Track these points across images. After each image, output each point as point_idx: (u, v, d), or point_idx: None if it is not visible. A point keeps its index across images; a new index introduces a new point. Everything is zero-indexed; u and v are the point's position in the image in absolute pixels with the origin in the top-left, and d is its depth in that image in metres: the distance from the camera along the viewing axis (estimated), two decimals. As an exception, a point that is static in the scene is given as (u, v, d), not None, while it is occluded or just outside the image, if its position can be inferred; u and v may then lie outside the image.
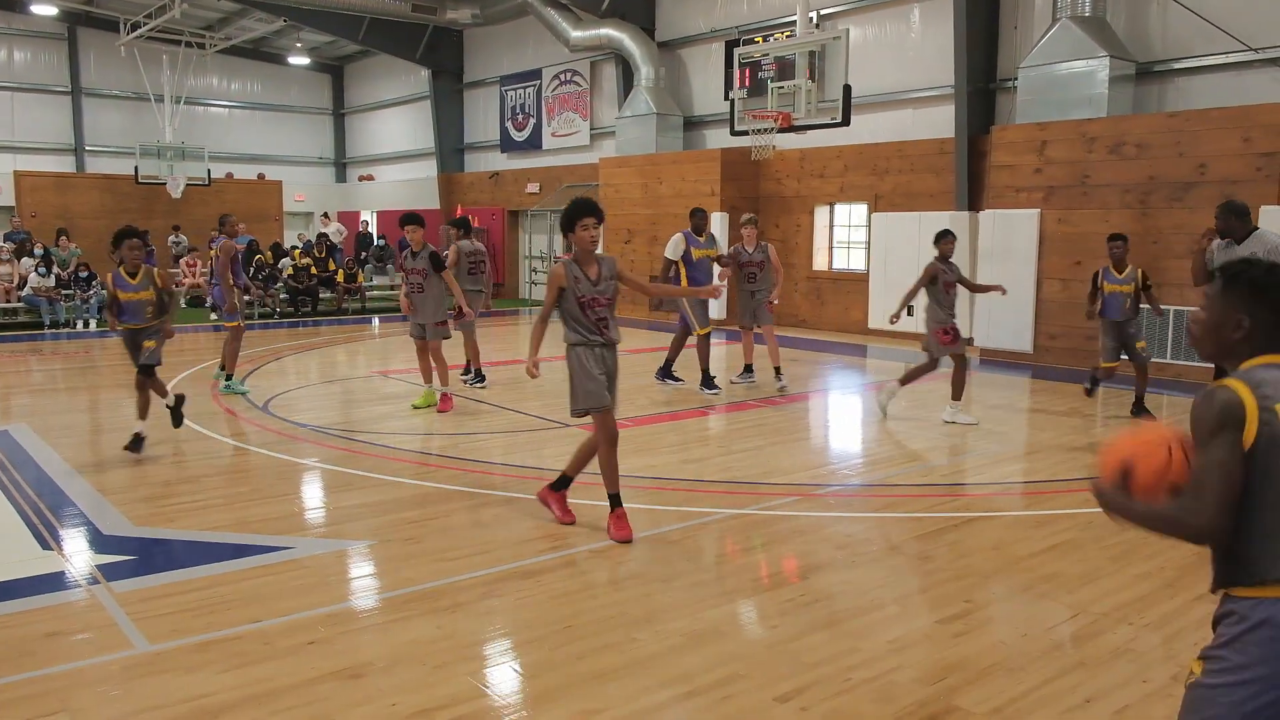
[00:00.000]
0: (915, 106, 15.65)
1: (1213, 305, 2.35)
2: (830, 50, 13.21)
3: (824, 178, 16.84)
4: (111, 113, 27.34)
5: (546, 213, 22.61)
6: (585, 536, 5.64)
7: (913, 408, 9.94)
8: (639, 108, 19.40)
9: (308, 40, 27.84)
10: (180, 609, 4.49)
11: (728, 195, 17.32)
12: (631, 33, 19.29)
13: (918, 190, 15.36)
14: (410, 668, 3.92)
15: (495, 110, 25.01)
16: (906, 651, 4.12)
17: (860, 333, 15.97)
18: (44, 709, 3.57)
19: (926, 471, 7.30)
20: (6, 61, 26.04)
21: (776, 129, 13.74)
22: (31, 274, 17.16)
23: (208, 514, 6.05)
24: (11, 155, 25.52)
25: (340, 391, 11.09)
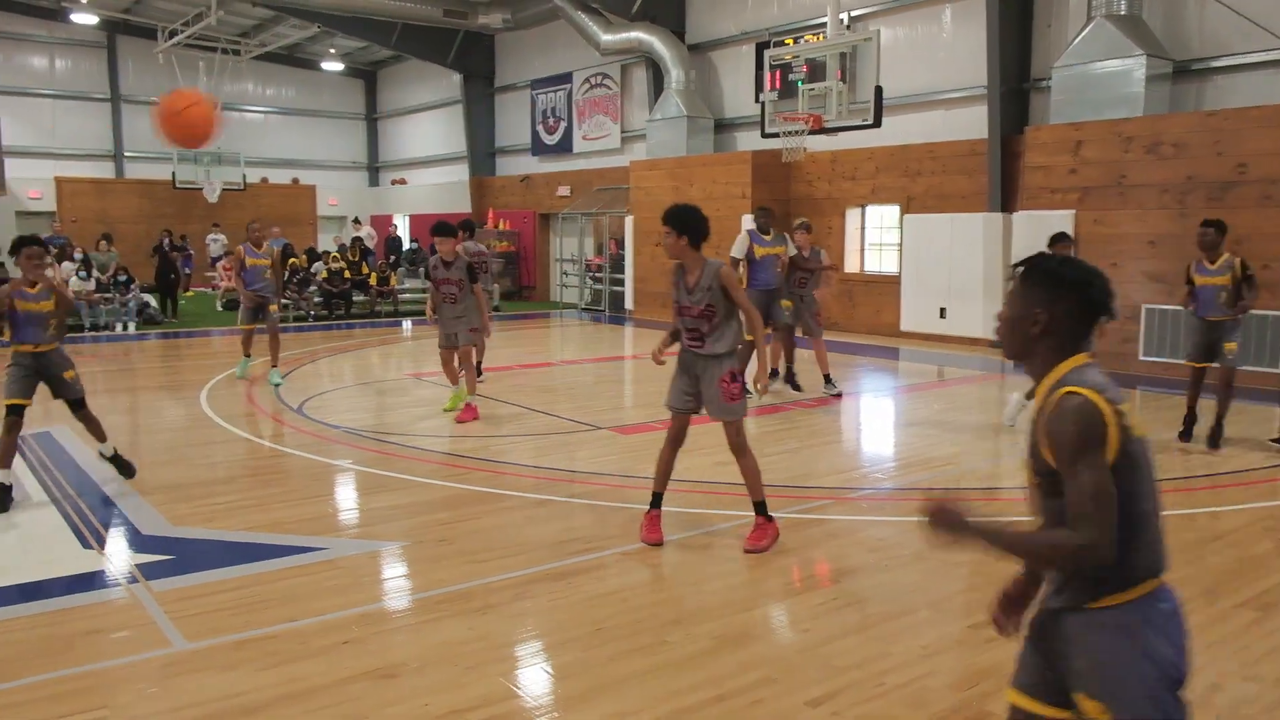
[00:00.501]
0: (947, 107, 15.54)
1: (1013, 300, 2.31)
2: (861, 51, 13.17)
3: (855, 180, 16.77)
4: (149, 118, 27.75)
5: (577, 216, 22.68)
6: (616, 539, 5.65)
7: (947, 410, 9.87)
8: (669, 110, 19.41)
9: (341, 46, 28.13)
10: (217, 608, 4.56)
11: (759, 198, 17.27)
12: (662, 36, 19.31)
13: (950, 192, 15.25)
14: (443, 668, 3.95)
15: (526, 114, 25.13)
16: (939, 657, 4.09)
17: (892, 335, 15.87)
18: (85, 704, 3.63)
19: (960, 475, 7.24)
20: (48, 69, 26.53)
21: (807, 131, 13.69)
22: (72, 278, 17.44)
23: (244, 514, 6.12)
24: (53, 161, 26.00)
25: (373, 394, 11.18)
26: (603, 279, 21.69)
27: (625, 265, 20.45)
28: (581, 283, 22.76)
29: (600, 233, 22.42)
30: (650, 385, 11.91)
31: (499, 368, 12.78)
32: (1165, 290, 11.79)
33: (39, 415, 9.77)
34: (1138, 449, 2.12)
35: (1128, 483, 2.08)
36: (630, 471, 7.18)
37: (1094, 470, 2.06)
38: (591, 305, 22.10)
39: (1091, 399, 2.09)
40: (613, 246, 21.59)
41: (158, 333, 17.10)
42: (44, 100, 26.33)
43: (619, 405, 10.84)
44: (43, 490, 6.66)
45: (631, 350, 15.35)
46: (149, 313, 18.27)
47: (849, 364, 13.21)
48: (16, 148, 23.79)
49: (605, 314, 20.95)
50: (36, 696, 3.69)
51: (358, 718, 3.55)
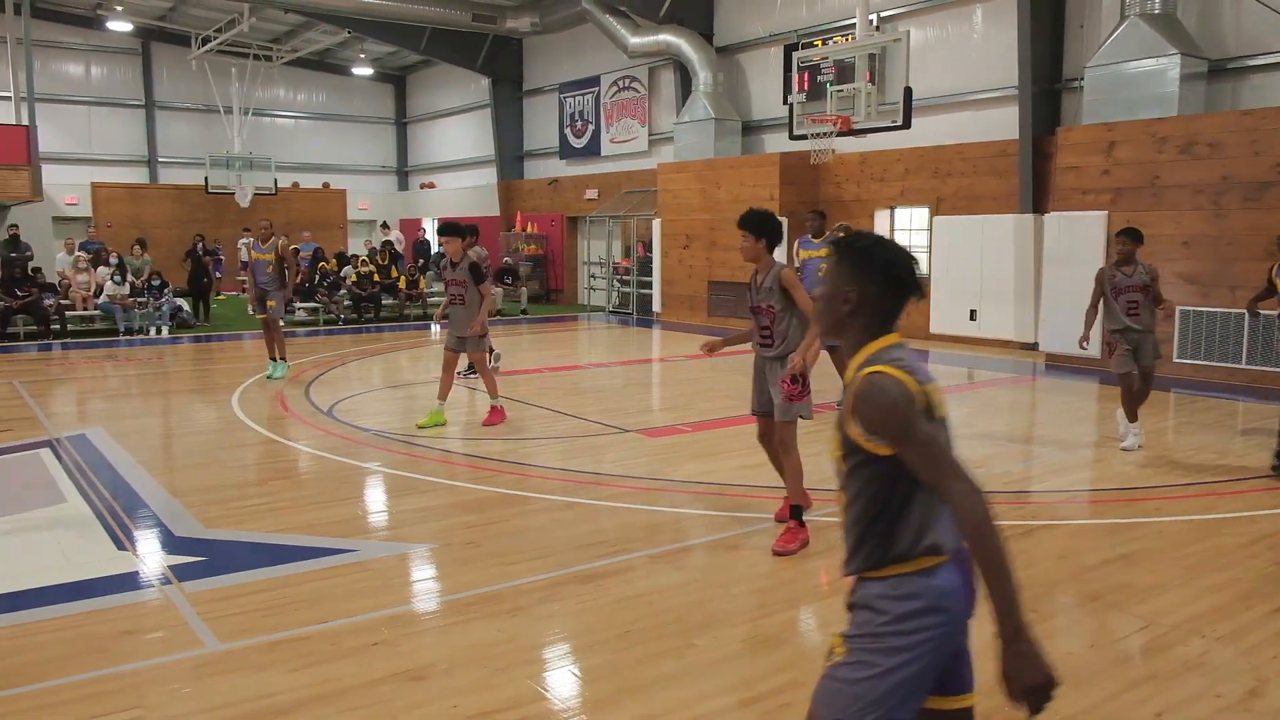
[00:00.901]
0: (977, 108, 15.43)
1: (828, 278, 2.36)
2: (890, 52, 13.07)
3: (884, 181, 16.68)
4: (182, 125, 28.14)
5: (605, 219, 22.71)
6: (644, 542, 5.64)
7: (977, 414, 9.79)
8: (697, 113, 19.40)
9: (371, 51, 28.36)
10: (249, 609, 4.60)
11: (786, 200, 17.23)
12: (689, 38, 19.31)
13: (980, 193, 15.14)
14: (471, 670, 3.96)
15: (554, 117, 25.20)
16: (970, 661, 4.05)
17: (922, 337, 15.77)
18: (119, 704, 3.68)
19: (991, 478, 7.17)
20: (84, 77, 26.94)
21: (836, 133, 13.63)
22: (107, 282, 17.69)
23: (275, 517, 6.18)
24: (89, 167, 26.37)
25: (402, 397, 11.25)
26: (630, 282, 21.71)
27: (653, 268, 20.46)
28: (609, 286, 22.79)
29: (628, 235, 22.45)
30: (677, 389, 11.91)
31: (527, 370, 12.83)
32: (1199, 292, 11.64)
33: (74, 418, 9.93)
34: (937, 429, 2.16)
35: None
36: (657, 474, 7.17)
37: (922, 435, 2.11)
38: (619, 308, 22.13)
39: (897, 376, 2.14)
40: (640, 249, 21.60)
41: (190, 336, 17.30)
42: (80, 107, 26.73)
43: (646, 408, 10.84)
44: (78, 492, 6.76)
45: (659, 353, 15.35)
46: (182, 316, 18.50)
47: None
48: (53, 154, 24.15)
49: (633, 317, 20.96)
50: (72, 696, 3.74)
51: (388, 719, 3.57)
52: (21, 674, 3.92)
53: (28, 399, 10.57)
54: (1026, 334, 14.24)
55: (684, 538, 5.87)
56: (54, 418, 9.64)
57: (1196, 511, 6.32)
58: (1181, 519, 6.17)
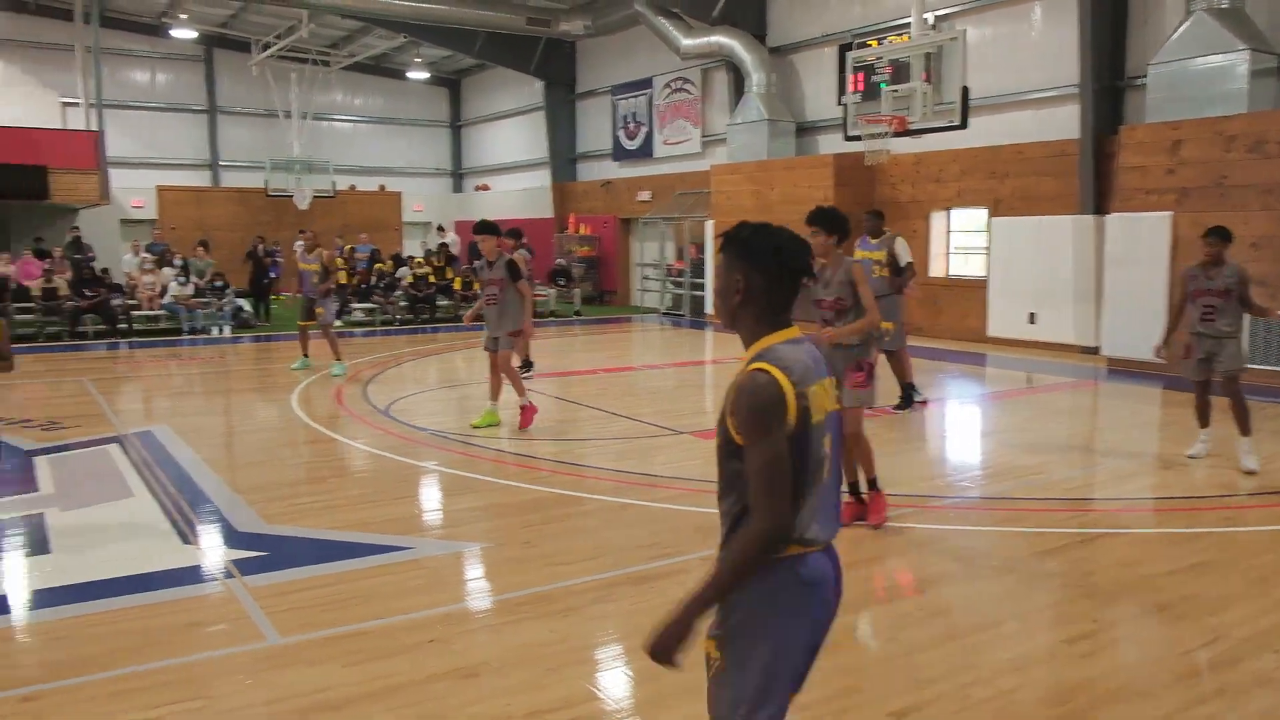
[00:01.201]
0: (1036, 107, 15.16)
1: (718, 269, 2.35)
2: (947, 51, 12.91)
3: (940, 182, 16.47)
4: (244, 129, 28.70)
5: (658, 220, 22.72)
6: (697, 544, 5.63)
7: (1035, 419, 9.62)
8: (750, 114, 19.33)
9: (426, 55, 28.68)
10: (308, 604, 4.68)
11: (840, 201, 17.08)
12: (743, 39, 19.24)
13: (1039, 194, 14.87)
14: (524, 669, 3.99)
15: (607, 119, 25.29)
16: (1028, 670, 3.99)
17: (978, 340, 15.54)
18: (183, 694, 3.76)
19: (1050, 485, 7.05)
20: (150, 83, 27.61)
21: (891, 133, 13.49)
22: (172, 283, 18.11)
23: (333, 514, 6.28)
24: (154, 171, 27.02)
25: (457, 397, 11.35)
26: (683, 283, 21.70)
27: (706, 270, 20.42)
28: (662, 287, 22.79)
29: (681, 237, 22.43)
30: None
31: (580, 371, 12.88)
32: (1268, 294, 11.28)
33: (140, 415, 10.18)
34: (813, 432, 2.21)
35: (794, 458, 2.18)
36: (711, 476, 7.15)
37: (765, 447, 2.15)
38: (672, 310, 22.12)
39: (775, 376, 2.17)
40: (693, 251, 21.57)
41: (250, 336, 17.64)
42: (146, 113, 27.39)
43: (700, 410, 10.82)
44: (145, 487, 6.93)
45: (712, 355, 15.32)
46: (242, 316, 18.87)
47: (934, 370, 12.97)
48: (120, 158, 24.78)
49: (686, 318, 20.94)
50: (139, 685, 3.83)
51: (440, 716, 3.61)
52: (92, 662, 4.03)
53: (97, 396, 10.86)
54: (1087, 337, 13.96)
55: (737, 540, 5.85)
56: (121, 415, 9.88)
57: (1268, 522, 6.14)
58: (1252, 529, 6.01)
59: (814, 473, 2.24)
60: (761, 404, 2.15)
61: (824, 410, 2.26)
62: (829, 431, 2.29)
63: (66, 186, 20.90)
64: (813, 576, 2.25)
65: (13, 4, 24.73)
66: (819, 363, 2.32)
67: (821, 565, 2.27)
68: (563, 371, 12.82)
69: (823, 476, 2.27)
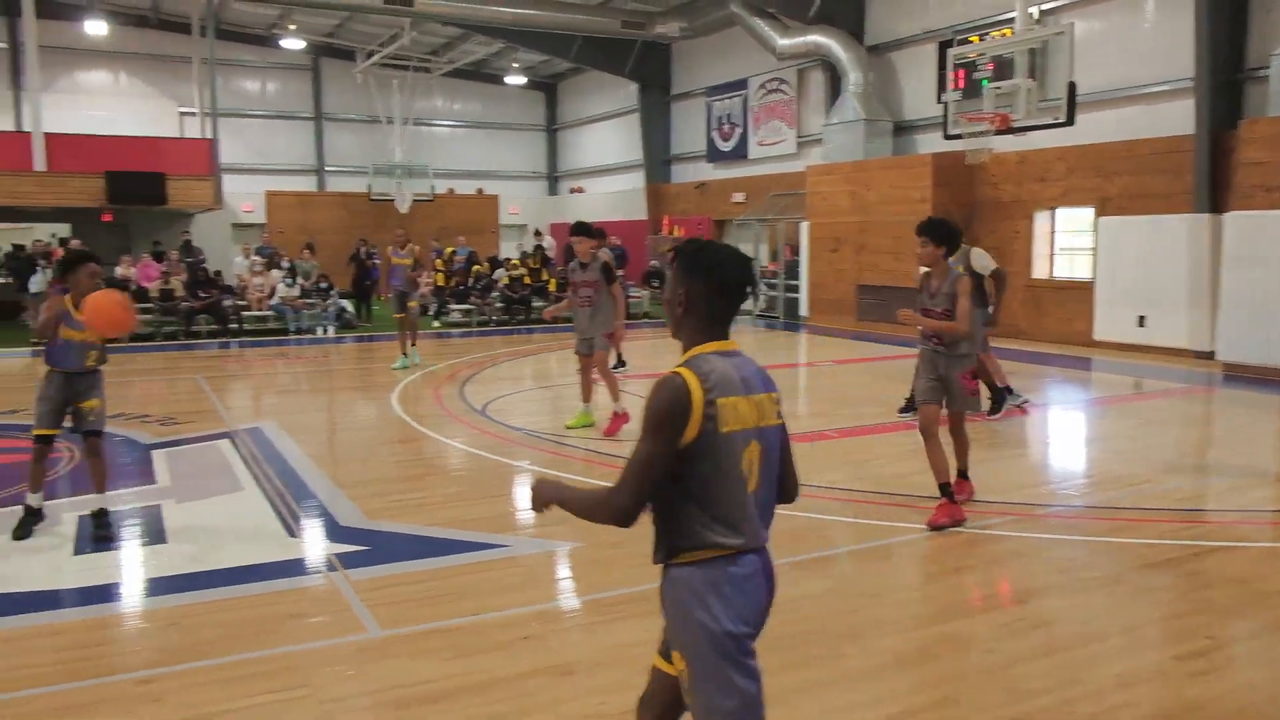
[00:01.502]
0: (1148, 102, 14.60)
1: (668, 282, 2.53)
2: (1053, 46, 12.53)
3: (1045, 181, 15.99)
4: (348, 135, 29.58)
5: (752, 222, 22.60)
6: (788, 548, 5.59)
7: (1144, 426, 9.27)
8: (847, 114, 19.08)
9: (524, 60, 29.11)
10: (407, 598, 4.79)
11: (939, 201, 16.73)
12: (839, 38, 19.01)
13: (1150, 192, 14.32)
14: (617, 669, 4.01)
15: (702, 121, 25.27)
16: (1137, 687, 3.85)
17: (1083, 345, 15.04)
18: (288, 683, 3.89)
19: (1159, 495, 6.78)
20: (260, 92, 28.68)
21: (993, 131, 13.15)
22: (279, 285, 18.77)
23: (431, 510, 6.42)
24: (263, 177, 28.04)
25: (551, 397, 11.48)
26: (777, 285, 21.54)
27: (800, 272, 20.23)
28: (756, 289, 22.67)
29: (775, 239, 22.28)
30: (824, 394, 11.75)
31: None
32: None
33: (249, 412, 10.57)
34: (721, 442, 2.35)
35: (703, 465, 2.34)
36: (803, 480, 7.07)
37: (650, 446, 2.33)
38: (765, 312, 21.98)
39: (689, 383, 2.34)
40: (788, 252, 21.40)
41: (353, 336, 18.16)
42: (256, 120, 28.45)
43: (792, 413, 10.73)
44: (253, 481, 7.19)
45: (805, 358, 15.17)
46: (346, 317, 19.44)
47: (1037, 374, 12.60)
48: (232, 165, 25.78)
49: (780, 321, 20.78)
50: (246, 673, 3.98)
51: (535, 712, 3.66)
52: (202, 649, 4.21)
53: (209, 393, 11.32)
54: (1201, 341, 13.39)
55: (830, 545, 5.79)
56: (232, 411, 10.28)
57: (1397, 536, 5.80)
58: (1380, 544, 5.68)
59: (725, 481, 2.38)
60: (662, 406, 2.33)
61: (747, 423, 2.41)
62: (756, 444, 2.43)
63: (182, 192, 21.87)
64: (744, 571, 2.42)
65: (137, 20, 25.96)
66: (756, 378, 2.47)
67: (749, 563, 2.43)
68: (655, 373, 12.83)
69: (743, 487, 2.41)
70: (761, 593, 2.48)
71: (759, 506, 2.48)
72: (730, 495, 2.41)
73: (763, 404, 2.46)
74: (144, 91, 26.78)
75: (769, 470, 2.50)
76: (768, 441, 2.47)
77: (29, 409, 10.04)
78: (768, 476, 2.50)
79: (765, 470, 2.48)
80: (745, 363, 2.48)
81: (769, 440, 2.48)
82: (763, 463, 2.46)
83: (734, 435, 2.38)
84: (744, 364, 2.47)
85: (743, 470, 2.42)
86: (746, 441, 2.41)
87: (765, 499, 2.51)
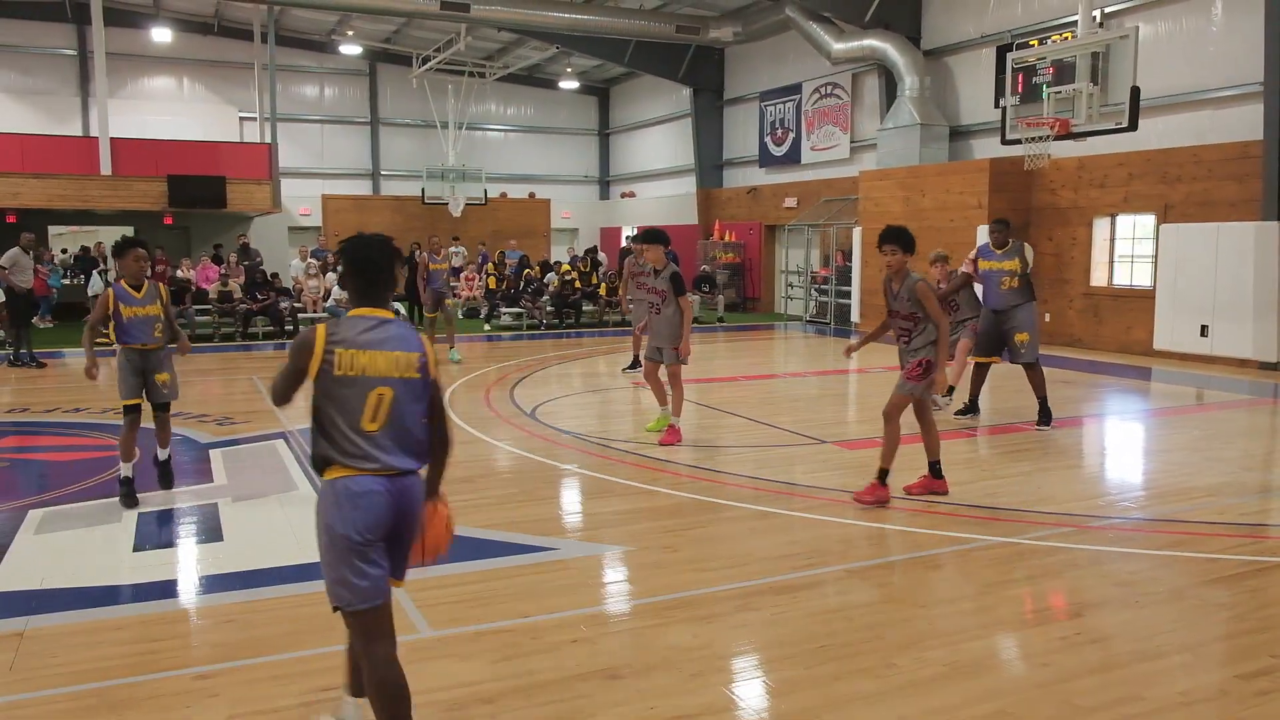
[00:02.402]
0: (1215, 107, 14.27)
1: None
2: (1116, 50, 12.30)
3: (1105, 187, 15.70)
4: (403, 139, 29.95)
5: (804, 227, 22.48)
6: (840, 555, 5.54)
7: (1207, 438, 9.04)
8: (902, 119, 18.90)
9: (577, 65, 29.26)
10: (458, 599, 4.83)
11: (996, 207, 16.50)
12: (896, 42, 18.85)
13: (1216, 199, 13.99)
14: (667, 673, 4.00)
15: (754, 126, 25.19)
16: (1199, 706, 3.75)
17: (1143, 354, 14.73)
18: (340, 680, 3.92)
19: (1221, 509, 6.60)
20: (318, 97, 29.15)
21: (1053, 136, 12.95)
22: (334, 287, 19.04)
23: (481, 512, 6.46)
24: (320, 181, 28.50)
25: (600, 401, 11.52)
26: (829, 291, 21.40)
27: (852, 277, 20.07)
28: (807, 295, 22.53)
29: (827, 244, 22.14)
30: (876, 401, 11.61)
31: (722, 379, 12.87)
32: None
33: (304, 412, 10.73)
34: (337, 384, 3.10)
35: (326, 401, 3.13)
36: (853, 487, 7.03)
37: (287, 366, 3.21)
38: (816, 318, 21.84)
39: (318, 332, 3.14)
40: (839, 258, 21.25)
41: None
42: (313, 125, 28.93)
43: (842, 419, 10.65)
44: (308, 481, 7.30)
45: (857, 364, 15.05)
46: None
47: (1094, 384, 12.36)
48: (291, 169, 26.25)
49: (830, 327, 20.64)
50: (300, 670, 4.04)
51: (585, 715, 3.66)
52: (257, 645, 4.28)
53: (265, 394, 11.53)
54: (1268, 352, 13.04)
55: (882, 553, 5.73)
56: (287, 411, 10.45)
57: None
58: None
59: (346, 417, 3.10)
60: (297, 340, 3.19)
61: (370, 372, 3.11)
62: (387, 390, 3.12)
63: (242, 196, 22.32)
64: (360, 489, 3.09)
65: (200, 27, 26.56)
66: (397, 340, 3.17)
67: (366, 483, 3.10)
68: (705, 378, 12.83)
69: (366, 423, 3.11)
70: (380, 509, 3.11)
71: (391, 440, 3.14)
72: (350, 427, 3.10)
73: (399, 360, 3.15)
74: (206, 97, 27.38)
75: (399, 412, 3.15)
76: (400, 391, 3.15)
77: (95, 407, 10.30)
78: (397, 417, 3.15)
79: (395, 412, 3.14)
80: (391, 328, 3.19)
81: (401, 390, 3.15)
82: (392, 407, 3.13)
83: (354, 379, 3.10)
84: (387, 328, 3.18)
85: (365, 410, 3.10)
86: (372, 387, 3.11)
87: (397, 436, 3.15)
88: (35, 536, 5.92)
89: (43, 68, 25.58)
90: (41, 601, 4.81)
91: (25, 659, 4.14)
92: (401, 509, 3.17)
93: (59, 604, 4.79)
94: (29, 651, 4.21)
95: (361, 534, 3.08)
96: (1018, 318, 9.37)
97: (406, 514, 3.20)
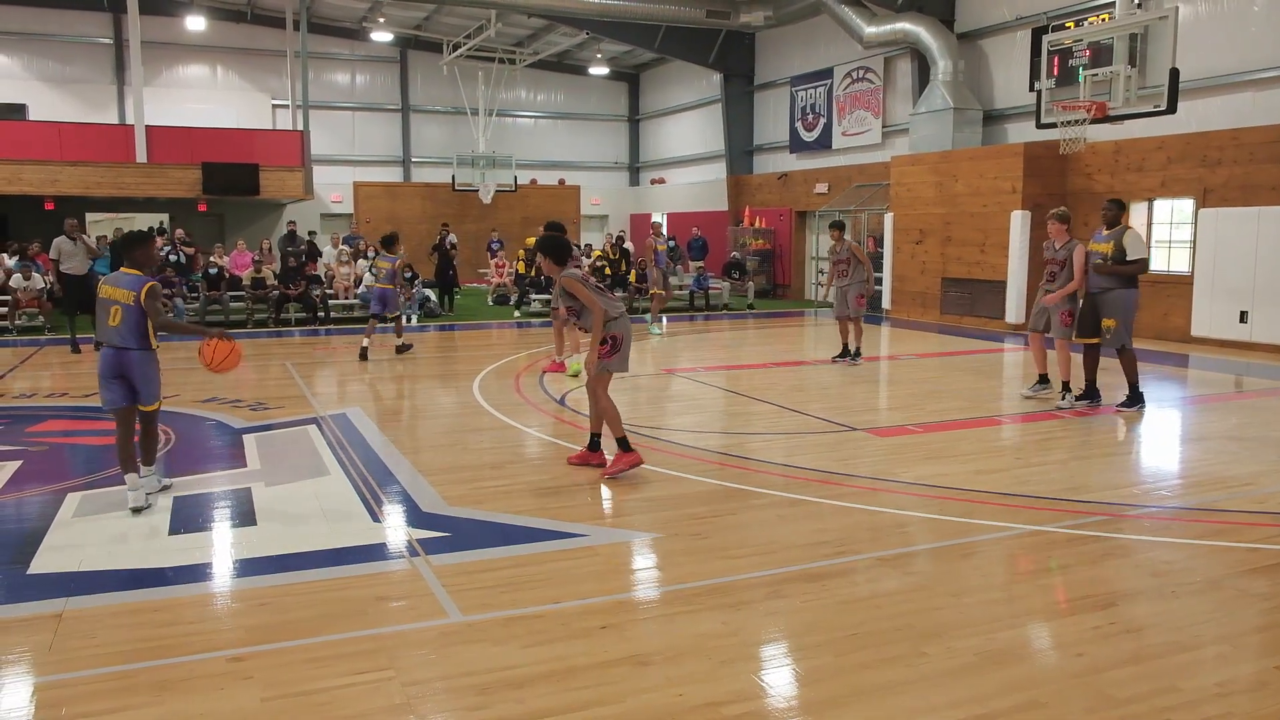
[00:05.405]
0: (1257, 88, 13.99)
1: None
2: (1154, 31, 12.08)
3: (1142, 171, 15.45)
4: (434, 126, 30.05)
5: (835, 213, 22.33)
6: (870, 544, 5.51)
7: (1246, 426, 8.90)
8: (935, 103, 18.69)
9: (607, 51, 29.19)
10: (489, 585, 4.85)
11: (1030, 192, 16.31)
12: (929, 25, 18.63)
13: (1258, 182, 13.73)
14: (696, 660, 4.00)
15: (785, 111, 25.02)
16: (1237, 698, 3.69)
17: (1181, 340, 14.51)
18: (373, 664, 3.97)
19: (1260, 498, 6.50)
20: (350, 84, 29.30)
21: (1089, 120, 12.75)
22: (366, 274, 19.15)
23: (512, 499, 6.49)
24: (351, 168, 28.67)
25: (629, 388, 11.50)
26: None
27: (884, 264, 19.91)
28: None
29: (858, 230, 21.96)
30: (907, 388, 11.55)
31: (752, 365, 12.82)
32: None
33: (335, 398, 10.82)
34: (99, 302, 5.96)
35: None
36: (884, 475, 6.99)
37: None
38: (846, 304, 21.67)
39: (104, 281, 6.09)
40: (870, 244, 21.07)
41: (436, 325, 18.45)
42: (345, 113, 29.09)
43: (872, 406, 10.57)
44: (339, 466, 7.36)
45: (888, 351, 14.94)
46: (429, 306, 19.76)
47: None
48: (322, 156, 26.41)
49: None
50: (332, 654, 4.08)
51: (613, 701, 3.67)
52: (290, 630, 4.32)
53: (298, 379, 11.63)
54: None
55: (912, 542, 5.69)
56: (319, 397, 10.54)
57: None
58: None
59: (102, 317, 5.94)
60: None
61: (107, 296, 5.94)
62: (116, 308, 5.91)
63: (275, 183, 22.50)
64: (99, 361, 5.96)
65: (233, 15, 26.75)
66: (124, 280, 5.97)
67: (103, 353, 5.93)
68: (734, 365, 12.80)
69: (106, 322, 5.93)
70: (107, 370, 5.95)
71: (117, 335, 5.91)
72: (102, 324, 5.94)
73: (116, 294, 5.91)
74: (239, 84, 27.59)
75: (121, 320, 5.90)
76: (123, 308, 5.88)
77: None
78: (116, 323, 5.91)
79: (120, 319, 5.90)
80: (121, 277, 6.00)
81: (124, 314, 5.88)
82: (121, 316, 5.88)
83: (102, 300, 5.93)
84: (120, 277, 6.00)
85: (108, 315, 5.90)
86: (112, 304, 5.90)
87: (121, 334, 5.92)
88: (73, 520, 6.01)
89: (79, 56, 25.88)
90: (79, 583, 4.89)
91: (63, 640, 4.21)
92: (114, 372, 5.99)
93: (96, 586, 4.87)
94: (67, 633, 4.28)
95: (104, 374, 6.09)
96: (1107, 303, 9.24)
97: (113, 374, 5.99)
